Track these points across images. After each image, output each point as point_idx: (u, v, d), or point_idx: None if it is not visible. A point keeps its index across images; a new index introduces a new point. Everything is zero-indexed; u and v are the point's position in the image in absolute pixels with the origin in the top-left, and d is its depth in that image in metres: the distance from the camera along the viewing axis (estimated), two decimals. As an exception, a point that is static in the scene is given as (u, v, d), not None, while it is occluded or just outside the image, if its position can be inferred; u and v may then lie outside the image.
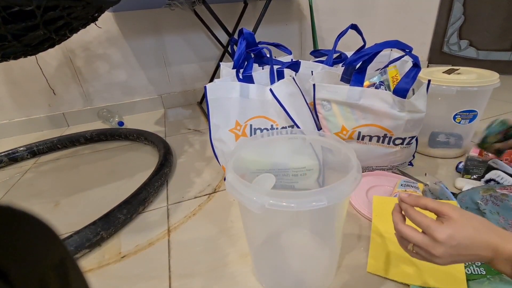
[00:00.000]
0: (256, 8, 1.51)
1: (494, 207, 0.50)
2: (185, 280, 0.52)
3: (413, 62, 0.62)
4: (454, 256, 0.30)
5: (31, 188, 0.90)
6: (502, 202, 0.49)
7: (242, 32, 0.74)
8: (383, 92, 0.64)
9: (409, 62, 0.71)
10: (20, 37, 0.58)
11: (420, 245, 0.32)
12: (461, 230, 0.30)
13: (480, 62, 1.63)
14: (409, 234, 0.33)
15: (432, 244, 0.31)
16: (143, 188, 0.73)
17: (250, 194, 0.37)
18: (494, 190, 0.52)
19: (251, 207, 0.36)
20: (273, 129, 0.70)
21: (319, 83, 0.70)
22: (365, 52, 0.65)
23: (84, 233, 0.60)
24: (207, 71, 1.57)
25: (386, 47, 0.63)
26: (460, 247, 0.30)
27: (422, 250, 0.32)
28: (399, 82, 0.63)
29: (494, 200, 0.51)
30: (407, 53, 0.63)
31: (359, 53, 0.66)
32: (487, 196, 0.52)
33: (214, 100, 0.69)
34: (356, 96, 0.65)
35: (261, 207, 0.35)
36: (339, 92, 0.67)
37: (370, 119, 0.66)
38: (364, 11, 1.72)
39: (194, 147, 1.06)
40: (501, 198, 0.50)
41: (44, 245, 0.15)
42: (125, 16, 1.35)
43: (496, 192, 0.52)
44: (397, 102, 0.62)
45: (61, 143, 1.15)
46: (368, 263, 0.50)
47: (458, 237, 0.30)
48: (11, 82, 1.31)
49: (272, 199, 0.35)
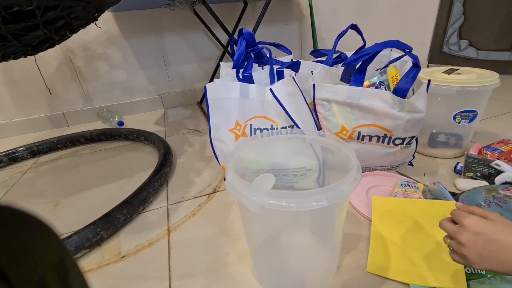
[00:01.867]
0: (256, 8, 1.51)
1: (498, 208, 0.50)
2: (185, 280, 0.52)
3: (413, 62, 0.62)
4: (480, 250, 0.29)
5: (31, 188, 0.90)
6: (506, 204, 0.49)
7: (242, 32, 0.74)
8: (383, 92, 0.64)
9: (409, 62, 0.71)
10: (20, 37, 0.58)
11: (449, 232, 0.32)
12: (489, 223, 0.29)
13: (480, 62, 1.63)
14: (443, 223, 0.34)
15: (458, 230, 0.31)
16: (143, 188, 0.73)
17: (250, 194, 0.37)
18: (497, 191, 0.52)
19: (251, 207, 0.36)
20: (273, 129, 0.70)
21: (319, 83, 0.70)
22: (365, 52, 0.65)
23: (84, 233, 0.60)
24: (207, 71, 1.57)
25: (386, 47, 0.63)
26: (485, 237, 0.28)
27: (451, 240, 0.32)
28: (399, 82, 0.63)
29: (498, 202, 0.51)
30: (407, 53, 0.63)
31: (359, 53, 0.66)
32: (489, 197, 0.52)
33: (214, 100, 0.69)
34: (356, 96, 0.65)
35: (261, 207, 0.35)
36: (339, 92, 0.67)
37: (370, 119, 0.66)
38: (364, 11, 1.72)
39: (194, 147, 1.06)
40: (504, 200, 0.50)
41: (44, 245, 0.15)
42: (125, 16, 1.35)
43: (499, 193, 0.51)
44: (397, 102, 0.62)
45: (61, 143, 1.15)
46: (368, 263, 0.50)
47: (483, 226, 0.29)
48: (11, 82, 1.31)
49: (272, 199, 0.35)
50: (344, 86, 0.67)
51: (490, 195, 0.52)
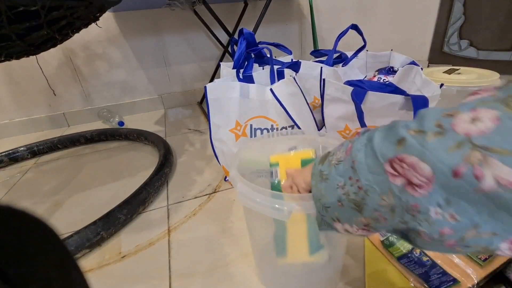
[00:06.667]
0: (256, 8, 1.51)
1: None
2: (186, 280, 0.52)
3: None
4: (292, 178, 0.38)
5: (32, 188, 0.90)
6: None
7: (242, 32, 0.74)
8: (389, 95, 0.63)
9: (414, 69, 0.70)
10: (24, 36, 0.58)
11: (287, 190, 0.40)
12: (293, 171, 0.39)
13: (480, 62, 1.63)
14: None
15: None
16: (143, 188, 0.73)
17: (272, 202, 0.35)
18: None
19: (278, 216, 0.35)
20: (273, 129, 0.70)
21: (329, 80, 0.69)
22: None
23: (84, 233, 0.60)
24: (207, 71, 1.57)
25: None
26: (293, 174, 0.38)
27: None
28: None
29: None
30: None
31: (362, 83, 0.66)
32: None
33: (214, 100, 0.69)
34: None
35: (288, 214, 0.34)
36: (346, 92, 0.67)
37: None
38: (364, 11, 1.72)
39: (194, 147, 1.06)
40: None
41: (45, 245, 0.15)
42: (126, 16, 1.35)
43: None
44: (404, 104, 0.62)
45: (61, 143, 1.15)
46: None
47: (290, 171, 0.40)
48: (11, 82, 1.31)
49: (297, 204, 0.34)
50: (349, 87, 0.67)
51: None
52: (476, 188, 0.18)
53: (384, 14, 1.74)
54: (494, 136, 0.18)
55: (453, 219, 0.20)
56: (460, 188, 0.19)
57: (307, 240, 0.42)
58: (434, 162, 0.20)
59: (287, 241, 0.43)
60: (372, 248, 0.54)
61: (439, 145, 0.20)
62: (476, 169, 0.18)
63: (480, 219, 0.19)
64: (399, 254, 0.50)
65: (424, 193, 0.21)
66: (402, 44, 1.77)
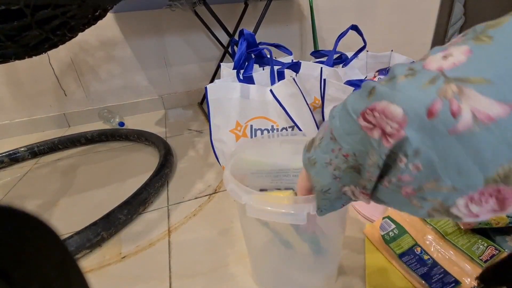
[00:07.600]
0: (257, 9, 1.52)
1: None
2: (186, 280, 0.52)
3: None
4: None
5: (32, 188, 0.90)
6: None
7: (243, 33, 0.74)
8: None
9: None
10: (14, 37, 0.56)
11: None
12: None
13: (481, 63, 1.63)
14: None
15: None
16: (143, 189, 0.73)
17: (288, 208, 0.34)
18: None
19: (295, 222, 0.34)
20: (274, 129, 0.70)
21: (329, 80, 0.69)
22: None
23: (85, 233, 0.60)
24: (207, 71, 1.58)
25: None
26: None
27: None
28: None
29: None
30: None
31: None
32: None
33: (214, 101, 0.69)
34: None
35: (306, 217, 0.33)
36: (346, 92, 0.67)
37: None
38: (364, 11, 1.72)
39: (195, 147, 1.06)
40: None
41: (45, 245, 0.15)
42: (126, 16, 1.35)
43: None
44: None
45: (62, 143, 1.16)
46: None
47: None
48: (12, 82, 1.32)
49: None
50: (351, 87, 0.67)
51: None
52: (451, 129, 0.17)
53: (384, 15, 1.74)
54: (467, 66, 0.17)
55: (416, 169, 0.19)
56: (433, 131, 0.18)
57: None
58: (406, 102, 0.19)
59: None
60: (372, 248, 0.54)
61: (410, 84, 0.19)
62: (453, 103, 0.17)
63: (443, 172, 0.18)
64: (401, 251, 0.50)
65: (394, 143, 0.20)
66: (403, 45, 1.78)
